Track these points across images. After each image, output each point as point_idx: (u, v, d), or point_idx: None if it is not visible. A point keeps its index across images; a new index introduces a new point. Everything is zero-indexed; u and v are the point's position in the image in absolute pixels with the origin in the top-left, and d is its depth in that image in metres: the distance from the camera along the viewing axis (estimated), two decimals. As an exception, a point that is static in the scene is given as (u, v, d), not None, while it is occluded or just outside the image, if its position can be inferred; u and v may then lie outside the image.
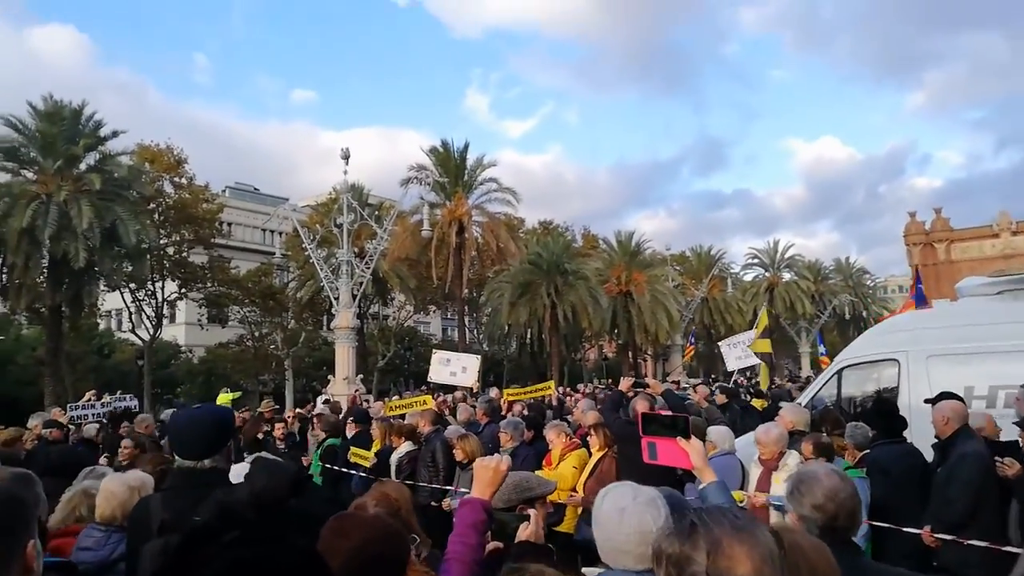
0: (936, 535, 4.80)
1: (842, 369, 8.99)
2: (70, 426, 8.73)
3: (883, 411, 5.79)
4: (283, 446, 8.15)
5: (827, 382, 9.12)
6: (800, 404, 8.70)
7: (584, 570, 2.25)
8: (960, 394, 5.79)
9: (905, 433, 5.69)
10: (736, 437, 6.93)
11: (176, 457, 2.75)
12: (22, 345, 38.53)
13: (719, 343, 17.20)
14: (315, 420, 9.88)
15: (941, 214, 46.60)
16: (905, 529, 4.84)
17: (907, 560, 5.13)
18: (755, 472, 5.88)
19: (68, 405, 10.15)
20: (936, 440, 5.46)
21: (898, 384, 8.13)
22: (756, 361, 14.22)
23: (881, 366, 8.88)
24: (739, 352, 14.11)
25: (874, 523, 4.90)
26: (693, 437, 2.58)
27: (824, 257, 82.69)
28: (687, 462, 2.53)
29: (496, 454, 2.57)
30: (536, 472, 6.55)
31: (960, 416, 5.25)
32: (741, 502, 5.60)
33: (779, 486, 5.47)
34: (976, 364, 7.40)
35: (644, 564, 2.02)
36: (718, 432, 6.42)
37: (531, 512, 2.62)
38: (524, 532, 2.52)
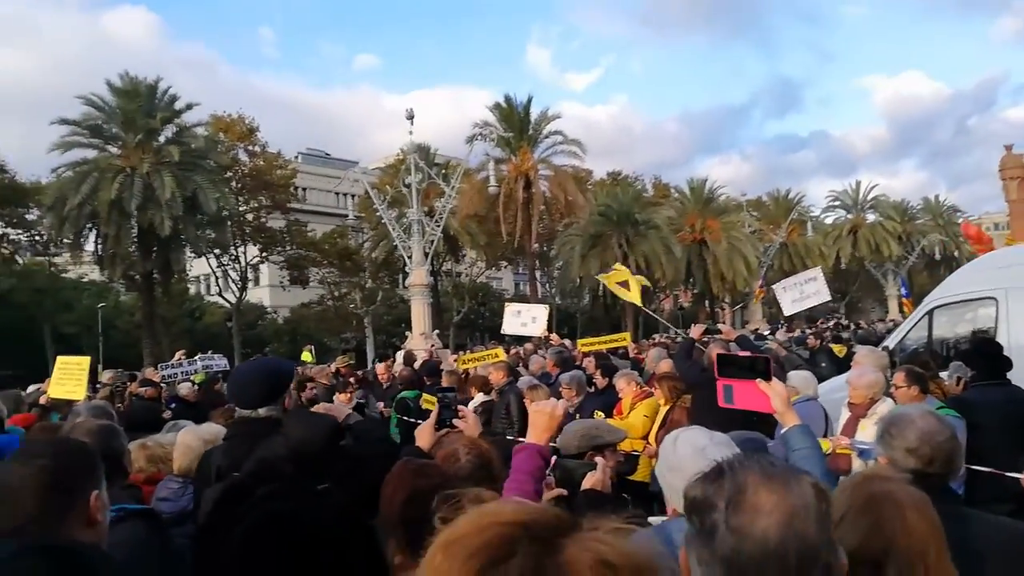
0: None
1: (933, 310, 8.47)
2: (163, 384, 9.19)
3: (986, 351, 5.37)
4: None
5: (916, 324, 8.63)
6: (887, 347, 8.30)
7: (651, 519, 2.14)
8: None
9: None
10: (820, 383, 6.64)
11: (237, 408, 2.81)
12: (121, 311, 40.95)
13: (772, 286, 16.33)
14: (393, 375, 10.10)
15: (1043, 144, 43.16)
16: (1007, 474, 4.54)
17: (1001, 505, 4.84)
18: (843, 418, 5.61)
19: (159, 365, 10.67)
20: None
21: (996, 324, 7.61)
22: (816, 302, 13.50)
23: (976, 305, 8.33)
24: (795, 294, 13.39)
25: (972, 467, 4.61)
26: (774, 379, 2.39)
27: (911, 196, 78.43)
28: (767, 406, 2.33)
29: (562, 400, 2.45)
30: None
31: (1068, 354, 4.86)
32: (827, 450, 5.37)
33: (865, 433, 5.21)
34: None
35: None
36: (800, 376, 6.12)
37: (599, 460, 2.51)
38: (590, 480, 2.42)
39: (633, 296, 11.09)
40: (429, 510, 1.91)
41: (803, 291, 13.37)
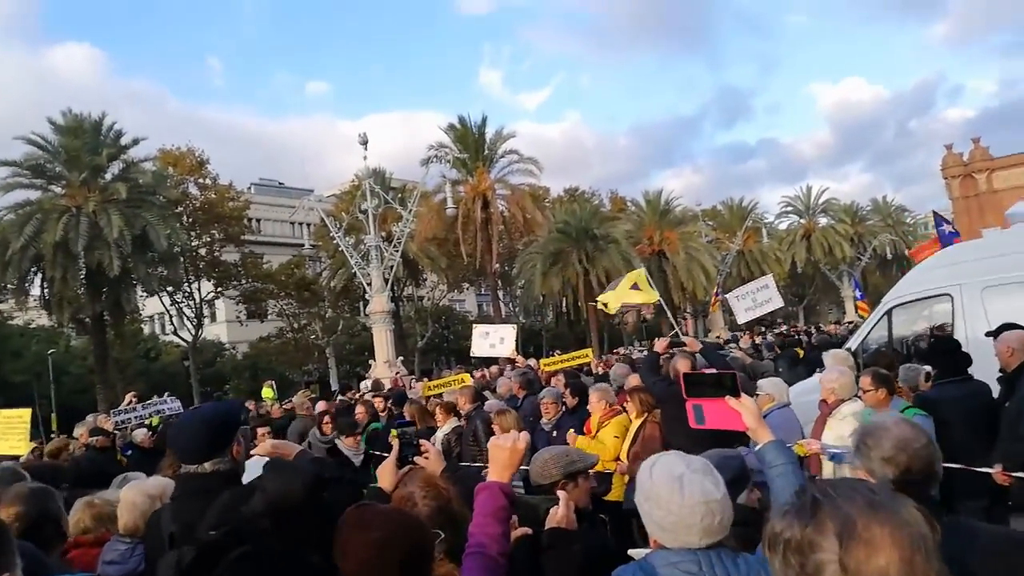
0: (1010, 473, 4.52)
1: (891, 309, 8.62)
2: (115, 432, 8.83)
3: (945, 348, 5.43)
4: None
5: (876, 324, 8.76)
6: (850, 349, 8.40)
7: (631, 552, 2.02)
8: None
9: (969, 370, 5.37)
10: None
11: (182, 464, 2.60)
12: (73, 356, 39.68)
13: (726, 295, 16.46)
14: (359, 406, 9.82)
15: (979, 143, 44.81)
16: (979, 469, 4.56)
17: (976, 500, 4.87)
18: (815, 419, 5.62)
19: (111, 411, 10.26)
20: (1001, 373, 5.15)
21: (952, 320, 7.76)
22: (769, 309, 13.67)
23: (932, 303, 8.51)
24: (748, 303, 13.54)
25: (945, 465, 4.63)
26: (743, 395, 2.33)
27: (860, 199, 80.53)
28: (739, 423, 2.27)
29: (523, 432, 2.32)
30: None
31: (1026, 347, 4.93)
32: (804, 455, 5.36)
33: (831, 432, 5.22)
34: (1037, 292, 7.00)
35: (711, 538, 1.80)
36: (773, 384, 6.11)
37: (560, 494, 2.37)
38: (554, 518, 2.28)
39: (648, 295, 11.05)
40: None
41: (756, 299, 13.52)
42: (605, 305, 10.62)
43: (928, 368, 5.98)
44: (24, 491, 2.62)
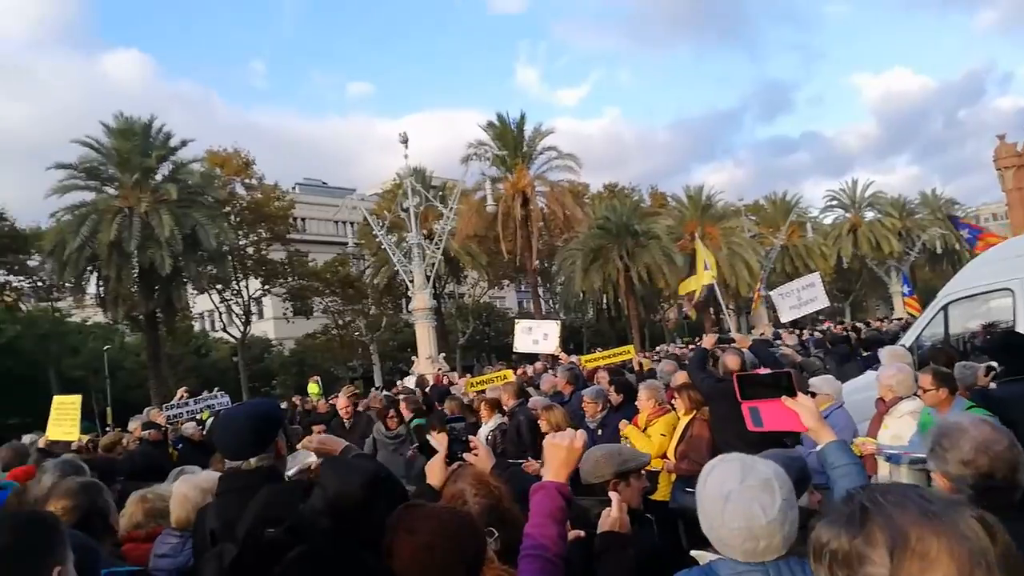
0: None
1: (947, 304, 8.31)
2: (167, 425, 9.03)
3: (1014, 344, 5.18)
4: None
5: (931, 320, 8.46)
6: (904, 345, 8.14)
7: (694, 553, 1.96)
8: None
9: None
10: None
11: (226, 460, 2.60)
12: (127, 352, 40.90)
13: (770, 293, 15.99)
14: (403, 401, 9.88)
15: (1036, 132, 43.07)
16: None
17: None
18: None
19: (163, 406, 10.52)
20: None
21: (1014, 315, 7.45)
22: (813, 309, 13.27)
23: (992, 297, 8.18)
24: (792, 301, 13.15)
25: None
26: (800, 394, 2.24)
27: (907, 192, 78.11)
28: (798, 424, 2.19)
29: (578, 429, 2.25)
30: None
31: (1097, 343, 4.69)
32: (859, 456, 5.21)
33: (887, 432, 5.05)
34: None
35: (753, 559, 1.74)
36: (828, 382, 5.93)
37: (613, 496, 2.30)
38: (606, 522, 2.21)
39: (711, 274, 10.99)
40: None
41: (800, 297, 13.16)
42: (690, 294, 10.68)
43: (988, 364, 5.74)
44: (74, 485, 2.67)
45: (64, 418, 6.99)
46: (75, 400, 7.21)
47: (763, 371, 2.63)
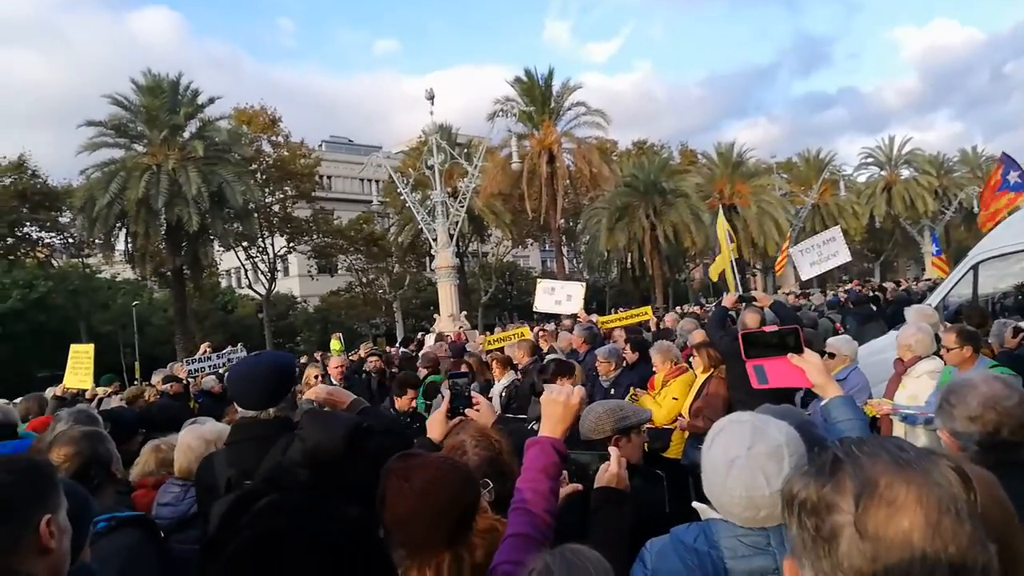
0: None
1: (978, 264, 8.05)
2: (189, 379, 9.20)
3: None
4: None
5: (961, 279, 8.23)
6: (931, 305, 7.95)
7: (695, 505, 1.92)
8: None
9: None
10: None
11: (239, 409, 2.61)
12: (155, 308, 41.75)
13: (790, 250, 15.54)
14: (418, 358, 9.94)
15: (1086, 85, 41.30)
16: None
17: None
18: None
19: (184, 360, 10.70)
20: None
21: (1047, 276, 7.22)
22: (835, 264, 12.92)
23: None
24: (813, 256, 12.78)
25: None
26: (807, 350, 2.17)
27: (947, 149, 75.80)
28: (804, 380, 2.12)
29: (577, 386, 2.21)
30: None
31: None
32: (869, 416, 5.12)
33: (904, 391, 4.95)
34: None
35: (752, 525, 1.70)
36: (846, 342, 5.82)
37: (612, 451, 2.26)
38: (603, 477, 2.18)
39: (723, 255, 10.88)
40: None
41: (822, 252, 12.81)
42: (721, 274, 10.53)
43: (1016, 325, 5.58)
44: (76, 434, 2.69)
45: (79, 367, 7.17)
46: (88, 349, 7.38)
47: (770, 329, 2.56)
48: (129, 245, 30.03)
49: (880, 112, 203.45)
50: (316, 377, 6.98)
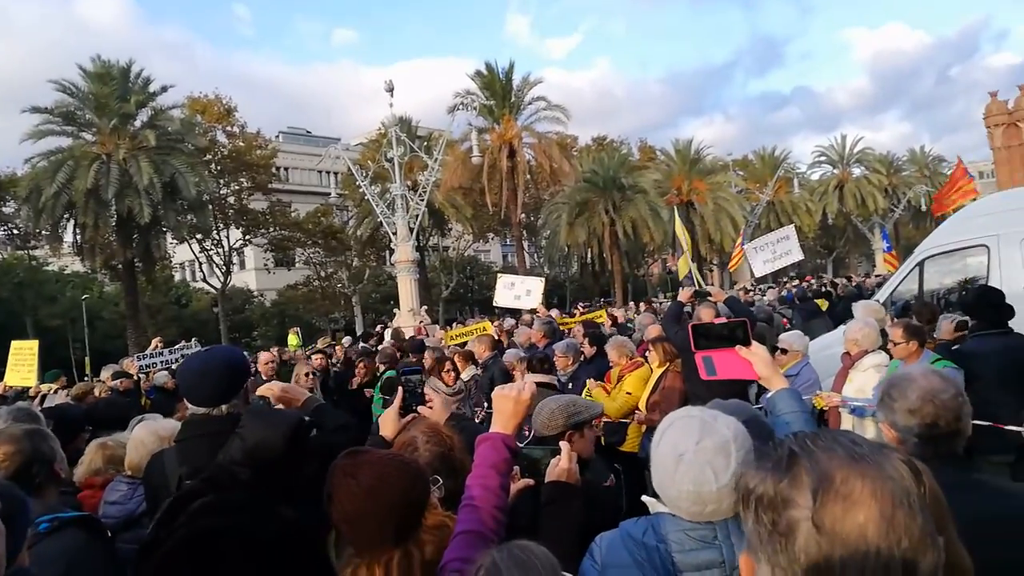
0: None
1: (924, 260, 8.32)
2: (140, 375, 8.97)
3: (991, 300, 5.18)
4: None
5: (907, 275, 8.48)
6: (878, 301, 8.17)
7: (644, 499, 1.94)
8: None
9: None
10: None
11: (189, 405, 2.55)
12: (106, 301, 40.59)
13: (744, 247, 15.83)
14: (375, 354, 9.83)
15: (1026, 91, 42.79)
16: (1007, 427, 4.41)
17: (1002, 456, 4.73)
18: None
19: (135, 355, 10.42)
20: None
21: (988, 272, 7.47)
22: (787, 262, 13.23)
23: (967, 254, 8.19)
24: (767, 255, 13.08)
25: (974, 422, 4.48)
26: (755, 343, 2.21)
27: (896, 149, 78.00)
28: (751, 372, 2.17)
29: (529, 381, 2.21)
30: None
31: (1067, 300, 4.69)
32: (819, 408, 5.24)
33: (852, 385, 5.08)
34: (1079, 243, 6.68)
35: (700, 519, 1.72)
36: (797, 338, 5.95)
37: (563, 445, 2.27)
38: (554, 471, 2.19)
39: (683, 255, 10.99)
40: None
41: (775, 251, 13.10)
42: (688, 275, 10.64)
43: (958, 318, 5.77)
44: (17, 432, 2.59)
45: (21, 364, 6.93)
46: (32, 345, 7.15)
47: (720, 320, 2.60)
48: (78, 237, 29.11)
49: (833, 112, 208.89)
50: (307, 375, 6.77)
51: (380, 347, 10.82)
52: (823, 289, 16.77)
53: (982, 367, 4.70)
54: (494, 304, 14.11)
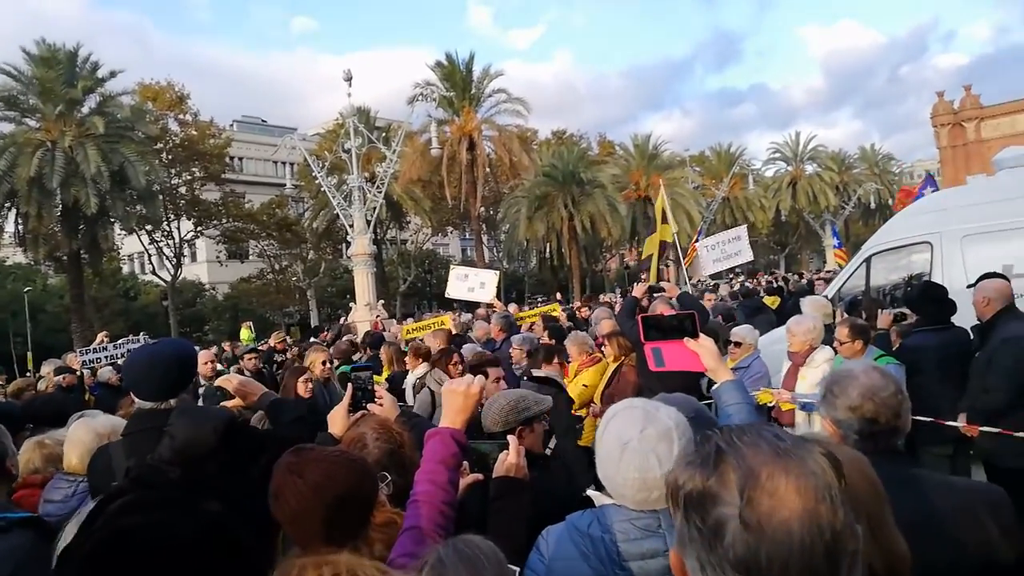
0: (977, 427, 4.51)
1: (870, 257, 8.56)
2: (84, 370, 8.70)
3: (934, 296, 5.34)
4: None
5: (854, 272, 8.72)
6: (826, 296, 8.38)
7: (589, 493, 1.96)
8: (999, 274, 5.37)
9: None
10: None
11: (136, 399, 2.50)
12: (50, 294, 39.22)
13: (696, 244, 16.11)
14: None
15: (971, 91, 44.31)
16: (946, 423, 4.56)
17: (941, 448, 4.90)
18: (784, 369, 5.60)
19: (79, 350, 10.09)
20: (977, 323, 5.12)
21: (931, 268, 7.72)
22: (738, 262, 13.50)
23: (912, 250, 8.44)
24: (717, 254, 13.33)
25: (914, 417, 4.63)
26: (702, 336, 2.27)
27: (848, 146, 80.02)
28: (698, 364, 2.23)
29: (478, 376, 2.21)
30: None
31: (1003, 296, 4.85)
32: (769, 403, 5.35)
33: (805, 383, 5.20)
34: (1018, 241, 6.93)
35: (645, 507, 1.75)
36: (749, 332, 6.07)
37: (511, 440, 2.28)
38: (501, 467, 2.19)
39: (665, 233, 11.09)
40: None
41: (726, 251, 13.33)
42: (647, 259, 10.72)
43: (897, 311, 5.96)
44: (-33, 428, 2.51)
45: None
46: None
47: (669, 313, 2.66)
48: (20, 227, 28.08)
49: (787, 109, 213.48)
50: (323, 364, 6.32)
51: (334, 344, 10.69)
52: (775, 285, 17.10)
53: (924, 361, 4.85)
54: (447, 295, 14.05)
